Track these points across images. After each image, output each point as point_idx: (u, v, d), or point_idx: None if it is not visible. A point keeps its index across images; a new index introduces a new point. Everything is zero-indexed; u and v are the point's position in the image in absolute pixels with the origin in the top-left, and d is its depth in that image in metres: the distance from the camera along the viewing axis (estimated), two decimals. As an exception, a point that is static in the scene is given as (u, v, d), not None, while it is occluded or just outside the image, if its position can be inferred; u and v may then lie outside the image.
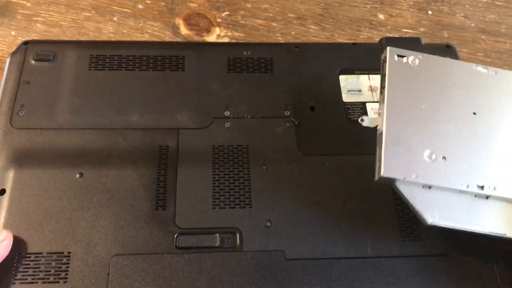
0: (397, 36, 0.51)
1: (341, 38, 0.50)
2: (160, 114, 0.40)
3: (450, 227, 0.33)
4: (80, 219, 0.35)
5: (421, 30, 0.52)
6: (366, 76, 0.44)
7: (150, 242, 0.35)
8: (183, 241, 0.35)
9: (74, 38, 0.48)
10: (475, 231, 0.34)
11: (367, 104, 0.42)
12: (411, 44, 0.47)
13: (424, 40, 0.51)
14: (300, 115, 0.41)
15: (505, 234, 0.34)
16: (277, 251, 0.35)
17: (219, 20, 0.51)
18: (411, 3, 0.54)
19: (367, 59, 0.45)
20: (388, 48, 0.37)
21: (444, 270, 0.35)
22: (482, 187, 0.34)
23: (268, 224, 0.36)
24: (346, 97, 0.43)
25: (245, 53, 0.44)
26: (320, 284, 0.34)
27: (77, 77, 0.41)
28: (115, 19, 0.50)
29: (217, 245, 0.35)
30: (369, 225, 0.36)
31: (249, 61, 0.44)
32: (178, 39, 0.49)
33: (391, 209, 0.37)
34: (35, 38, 0.48)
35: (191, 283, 0.33)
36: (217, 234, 0.35)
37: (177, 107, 0.41)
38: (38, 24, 0.49)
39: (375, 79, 0.44)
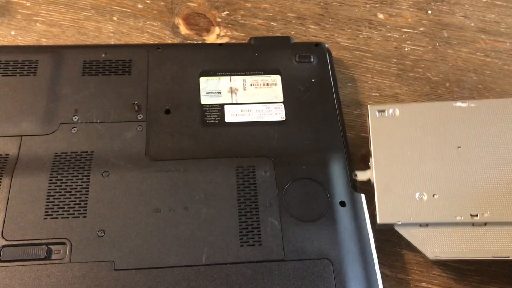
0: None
1: (341, 38, 0.50)
2: (3, 122, 0.39)
3: (453, 259, 0.36)
4: None
5: (421, 29, 0.52)
6: (228, 77, 0.43)
7: (-27, 256, 0.33)
8: (7, 254, 0.33)
9: (74, 38, 0.48)
10: (479, 258, 0.35)
11: (225, 106, 0.42)
12: (281, 43, 0.46)
13: (424, 40, 0.51)
14: (153, 119, 0.40)
15: (508, 256, 0.35)
16: (106, 262, 0.34)
17: (218, 19, 0.51)
18: (411, 2, 0.53)
19: (232, 60, 0.44)
20: (368, 106, 0.41)
21: (281, 274, 0.34)
22: (476, 215, 0.36)
23: (101, 234, 0.35)
24: (204, 99, 0.42)
25: (103, 55, 0.43)
26: (148, 294, 0.33)
27: None
28: (114, 18, 0.50)
29: (43, 257, 0.33)
30: (208, 231, 0.35)
31: (106, 64, 0.42)
32: (178, 39, 0.49)
33: (233, 214, 0.36)
34: (35, 37, 0.48)
35: (10, 298, 0.32)
36: (44, 245, 0.34)
37: (23, 113, 0.39)
38: (37, 24, 0.49)
39: (237, 80, 0.43)
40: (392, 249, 0.40)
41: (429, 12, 0.53)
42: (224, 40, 0.49)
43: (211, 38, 0.49)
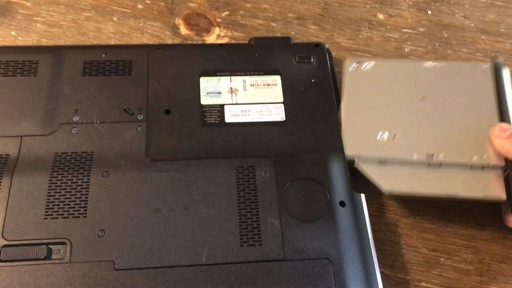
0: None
1: (341, 38, 0.50)
2: (4, 122, 0.39)
3: (406, 194, 0.38)
4: None
5: (421, 30, 0.52)
6: (228, 78, 0.43)
7: (-27, 256, 0.33)
8: (7, 254, 0.34)
9: (74, 38, 0.48)
10: (430, 195, 0.38)
11: (225, 106, 0.42)
12: (281, 43, 0.46)
13: (424, 41, 0.51)
14: (153, 119, 0.40)
15: (458, 194, 0.38)
16: (106, 262, 0.34)
17: (219, 20, 0.51)
18: (411, 3, 0.53)
19: (231, 60, 0.44)
20: (346, 59, 0.44)
21: (281, 274, 0.34)
22: (431, 156, 0.39)
23: (101, 233, 0.35)
24: (204, 100, 0.42)
25: (103, 55, 0.43)
26: (148, 294, 0.33)
27: None
28: (115, 19, 0.50)
29: (43, 257, 0.33)
30: (208, 231, 0.36)
31: (106, 64, 0.42)
32: (178, 39, 0.49)
33: (233, 214, 0.36)
34: (36, 38, 0.48)
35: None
36: (44, 245, 0.34)
37: (23, 114, 0.39)
38: (38, 24, 0.49)
39: (237, 80, 0.43)
40: (392, 249, 0.40)
41: (429, 12, 0.53)
42: (224, 40, 0.49)
43: (211, 39, 0.50)
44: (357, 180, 0.40)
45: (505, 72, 0.43)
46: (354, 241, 0.36)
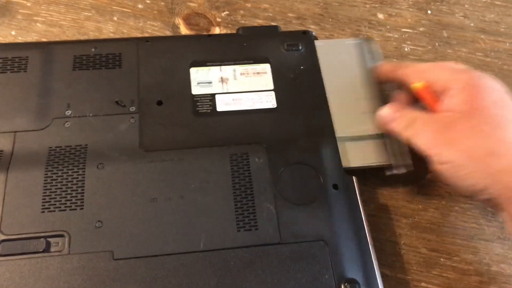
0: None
1: (341, 38, 0.50)
2: (-4, 118, 0.39)
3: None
4: None
5: (421, 29, 0.52)
6: (218, 67, 0.43)
7: (-28, 252, 0.33)
8: (6, 248, 0.34)
9: (74, 38, 0.48)
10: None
11: (216, 95, 0.42)
12: (269, 31, 0.47)
13: (424, 40, 0.51)
14: (146, 110, 0.40)
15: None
16: (105, 252, 0.34)
17: (219, 19, 0.51)
18: (411, 2, 0.54)
19: (220, 50, 0.44)
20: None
21: (278, 257, 0.35)
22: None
23: (99, 225, 0.35)
24: (195, 90, 0.42)
25: (93, 50, 0.43)
26: (148, 282, 0.33)
27: None
28: (115, 18, 0.50)
29: (42, 250, 0.34)
30: (205, 218, 0.36)
31: (96, 58, 0.43)
32: None
33: (229, 200, 0.37)
34: (36, 37, 0.48)
35: (11, 291, 0.32)
36: (43, 238, 0.34)
37: (15, 109, 0.40)
38: (38, 24, 0.49)
39: (227, 70, 0.43)
40: (392, 249, 0.40)
41: (429, 12, 0.54)
42: None
43: None
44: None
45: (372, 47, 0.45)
46: (348, 223, 0.37)
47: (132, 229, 0.35)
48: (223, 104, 0.42)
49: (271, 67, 0.44)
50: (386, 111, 0.39)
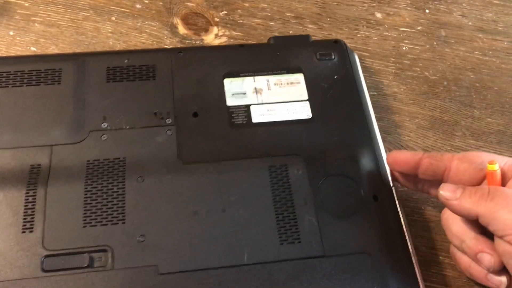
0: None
1: (339, 37, 0.50)
2: (32, 132, 0.39)
3: None
4: None
5: (419, 28, 0.52)
6: (252, 78, 0.43)
7: (16, 268, 0.33)
8: (50, 264, 0.33)
9: (73, 38, 0.48)
10: None
11: (251, 106, 0.42)
12: (300, 41, 0.47)
13: (422, 39, 0.51)
14: (182, 122, 0.40)
15: None
16: (150, 266, 0.34)
17: (217, 19, 0.51)
18: (408, 1, 0.54)
19: (253, 60, 0.44)
20: None
21: (322, 270, 0.35)
22: None
23: (142, 239, 0.35)
24: (230, 101, 0.42)
25: (126, 61, 0.43)
26: (194, 297, 0.33)
27: None
28: (113, 18, 0.50)
29: (86, 265, 0.33)
30: (247, 231, 0.36)
31: (130, 69, 0.42)
32: (176, 39, 0.49)
33: (270, 213, 0.37)
34: (34, 38, 0.48)
35: (57, 308, 0.32)
36: (86, 253, 0.34)
37: (51, 122, 0.39)
38: (36, 24, 0.49)
39: (261, 80, 0.43)
40: None
41: (427, 11, 0.54)
42: (223, 39, 0.49)
43: (209, 38, 0.50)
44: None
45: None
46: (390, 233, 0.37)
47: (176, 242, 0.35)
48: (258, 115, 0.41)
49: (304, 77, 0.44)
50: (447, 188, 0.35)
